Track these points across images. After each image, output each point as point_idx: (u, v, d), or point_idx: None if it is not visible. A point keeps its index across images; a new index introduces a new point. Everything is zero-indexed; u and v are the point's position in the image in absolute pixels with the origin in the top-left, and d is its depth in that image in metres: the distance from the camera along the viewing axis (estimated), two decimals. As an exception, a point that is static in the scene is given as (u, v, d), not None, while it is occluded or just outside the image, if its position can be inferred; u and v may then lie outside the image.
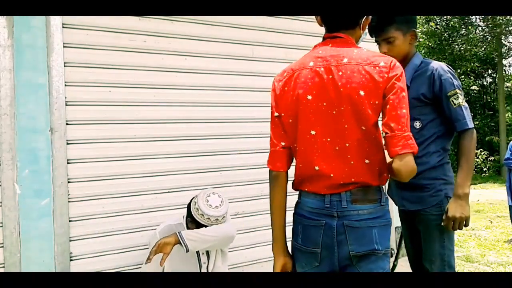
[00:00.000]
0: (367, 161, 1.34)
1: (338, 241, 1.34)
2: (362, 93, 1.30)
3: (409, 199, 1.92)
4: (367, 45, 1.94)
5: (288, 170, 1.47)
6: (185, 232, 2.00)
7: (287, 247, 1.49)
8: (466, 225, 1.78)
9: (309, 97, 1.36)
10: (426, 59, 1.93)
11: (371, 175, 1.35)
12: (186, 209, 2.19)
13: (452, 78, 1.81)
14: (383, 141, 1.34)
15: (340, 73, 1.32)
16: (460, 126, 1.79)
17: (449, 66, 1.88)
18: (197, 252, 2.14)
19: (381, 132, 1.35)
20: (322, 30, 3.61)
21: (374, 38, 1.97)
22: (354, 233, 1.33)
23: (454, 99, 1.78)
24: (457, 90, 1.78)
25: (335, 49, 1.38)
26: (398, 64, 1.34)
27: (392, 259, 3.39)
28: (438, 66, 1.84)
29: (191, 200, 2.16)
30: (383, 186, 1.42)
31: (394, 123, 1.27)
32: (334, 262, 1.37)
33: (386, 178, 1.40)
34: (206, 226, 2.06)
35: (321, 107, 1.34)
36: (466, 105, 1.81)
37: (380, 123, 1.35)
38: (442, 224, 1.79)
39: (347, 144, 1.33)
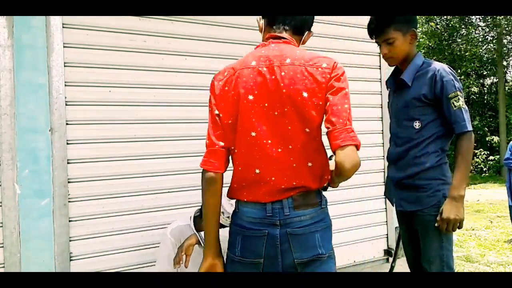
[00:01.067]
0: (310, 164, 1.33)
1: (282, 250, 1.31)
2: (305, 94, 1.28)
3: (406, 199, 1.92)
4: (369, 45, 1.95)
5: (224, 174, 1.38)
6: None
7: (220, 250, 1.43)
8: (460, 227, 1.79)
9: (251, 97, 1.31)
10: (427, 60, 1.93)
11: (313, 178, 1.33)
12: (193, 209, 2.19)
13: (454, 80, 1.81)
14: (327, 138, 1.31)
15: (283, 73, 1.30)
16: (459, 128, 1.80)
17: (450, 68, 1.88)
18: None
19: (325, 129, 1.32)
20: (322, 30, 3.60)
21: (374, 40, 1.96)
22: (297, 240, 1.31)
23: (455, 101, 1.78)
24: (458, 92, 1.79)
25: (278, 49, 1.36)
26: (340, 65, 1.35)
27: (391, 259, 3.40)
28: (441, 67, 1.84)
29: None
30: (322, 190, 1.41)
31: (336, 117, 1.26)
32: (278, 270, 1.34)
33: (326, 181, 1.39)
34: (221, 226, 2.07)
35: (263, 108, 1.31)
36: (466, 107, 1.82)
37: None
38: (436, 225, 1.79)
39: (290, 146, 1.31)
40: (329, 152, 1.36)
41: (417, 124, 1.87)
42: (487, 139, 17.36)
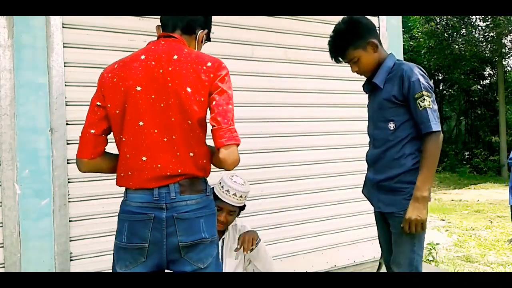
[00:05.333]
0: (191, 154, 1.41)
1: (167, 234, 1.38)
2: (189, 89, 1.37)
3: (384, 201, 1.94)
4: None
5: (95, 159, 1.49)
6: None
7: None
8: (423, 228, 1.79)
9: (139, 88, 1.39)
10: (399, 61, 1.95)
11: (196, 167, 1.42)
12: None
13: (422, 80, 1.80)
14: (211, 134, 1.39)
15: (170, 68, 1.38)
16: (424, 129, 1.79)
17: (420, 68, 1.89)
18: None
19: (209, 125, 1.41)
20: (322, 30, 3.59)
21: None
22: (183, 224, 1.38)
23: (420, 101, 1.78)
24: (424, 92, 1.78)
25: (167, 47, 1.44)
26: (223, 65, 1.45)
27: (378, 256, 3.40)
28: (408, 67, 1.85)
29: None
30: (207, 179, 1.50)
31: (221, 117, 1.36)
32: (162, 255, 1.40)
33: (209, 171, 1.49)
34: (224, 204, 2.10)
35: (150, 99, 1.39)
36: (435, 107, 1.81)
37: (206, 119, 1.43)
38: (401, 225, 1.81)
39: (174, 137, 1.39)
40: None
41: (391, 125, 1.88)
42: (487, 139, 17.35)
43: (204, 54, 1.47)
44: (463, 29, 16.50)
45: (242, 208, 2.20)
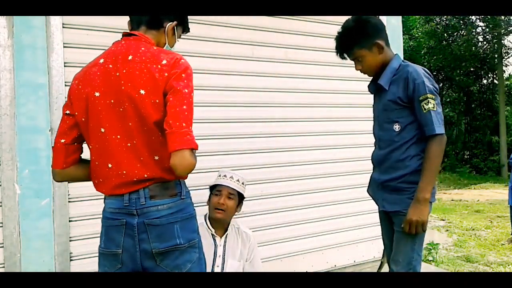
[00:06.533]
0: (156, 157, 1.35)
1: (140, 240, 1.35)
2: (142, 92, 1.30)
3: (388, 200, 1.95)
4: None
5: (68, 168, 1.46)
6: None
7: None
8: (423, 230, 1.81)
9: (97, 94, 1.35)
10: (405, 62, 1.96)
11: (163, 170, 1.36)
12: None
13: (427, 82, 1.82)
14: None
15: (124, 70, 1.33)
16: (428, 131, 1.80)
17: (426, 70, 1.90)
18: (214, 254, 2.15)
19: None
20: (322, 30, 3.59)
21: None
22: (155, 230, 1.35)
23: (425, 103, 1.79)
24: (428, 95, 1.79)
25: (125, 46, 1.39)
26: (182, 61, 1.36)
27: (380, 255, 3.40)
28: (413, 69, 1.86)
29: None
30: (184, 181, 1.43)
31: (172, 120, 1.27)
32: (136, 262, 1.37)
33: None
34: (222, 186, 2.18)
35: (109, 104, 1.34)
36: (439, 110, 1.82)
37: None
38: (402, 226, 1.82)
39: (135, 142, 1.34)
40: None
41: (396, 127, 1.89)
42: (487, 139, 17.37)
43: (164, 51, 1.40)
44: (463, 30, 16.52)
45: (241, 197, 2.22)
